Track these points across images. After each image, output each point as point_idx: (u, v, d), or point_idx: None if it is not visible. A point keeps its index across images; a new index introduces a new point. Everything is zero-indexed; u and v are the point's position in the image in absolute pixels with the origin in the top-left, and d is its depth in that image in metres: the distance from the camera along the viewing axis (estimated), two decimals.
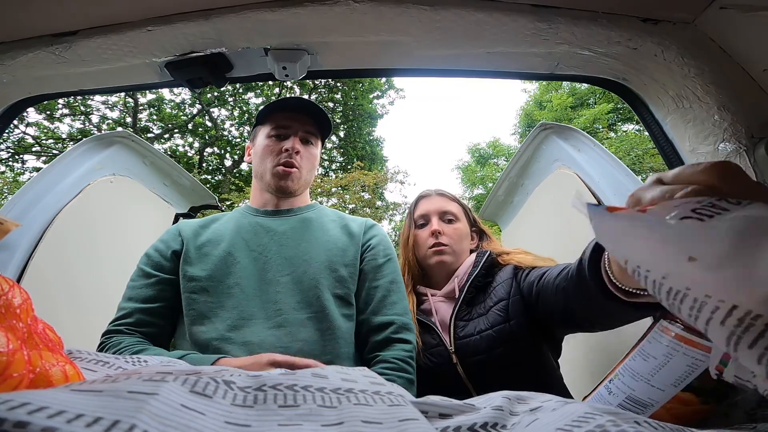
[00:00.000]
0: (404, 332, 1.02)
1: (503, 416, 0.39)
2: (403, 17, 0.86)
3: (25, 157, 10.40)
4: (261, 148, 1.17)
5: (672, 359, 0.51)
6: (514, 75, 1.06)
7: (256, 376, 0.36)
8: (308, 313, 0.98)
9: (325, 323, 0.98)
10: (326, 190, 10.65)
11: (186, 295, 1.00)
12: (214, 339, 0.93)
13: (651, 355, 0.54)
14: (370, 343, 1.02)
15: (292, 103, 1.18)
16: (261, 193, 1.20)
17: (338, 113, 13.64)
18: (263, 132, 1.19)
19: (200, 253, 1.05)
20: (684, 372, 0.51)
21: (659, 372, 0.53)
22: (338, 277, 1.05)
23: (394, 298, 1.06)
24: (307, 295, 1.00)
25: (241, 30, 0.89)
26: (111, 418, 0.22)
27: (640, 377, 0.55)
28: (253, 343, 0.92)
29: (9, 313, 0.40)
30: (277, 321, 0.96)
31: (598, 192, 1.36)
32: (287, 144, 1.14)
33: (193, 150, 12.54)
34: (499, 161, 16.35)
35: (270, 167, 1.15)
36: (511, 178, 1.88)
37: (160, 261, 1.06)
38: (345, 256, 1.08)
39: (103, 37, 0.88)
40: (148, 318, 0.99)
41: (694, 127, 0.89)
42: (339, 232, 1.15)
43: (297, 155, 1.15)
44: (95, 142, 1.59)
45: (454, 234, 1.25)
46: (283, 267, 1.04)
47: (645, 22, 0.88)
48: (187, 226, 1.14)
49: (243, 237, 1.09)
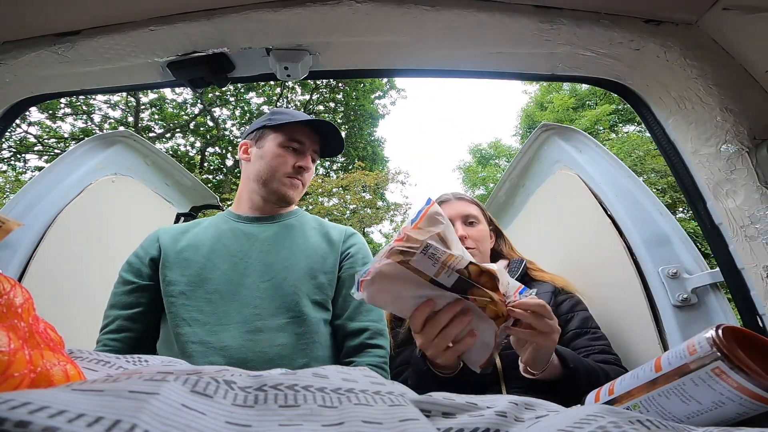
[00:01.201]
0: (378, 338, 1.06)
1: (506, 423, 0.39)
2: (405, 18, 0.86)
3: (27, 157, 10.43)
4: (272, 155, 1.17)
5: (723, 407, 0.45)
6: (516, 76, 1.06)
7: (256, 376, 0.36)
8: (286, 318, 1.00)
9: (302, 328, 1.00)
10: (327, 190, 10.65)
11: (166, 299, 1.03)
12: (193, 342, 0.95)
13: (694, 399, 0.46)
14: (345, 348, 1.06)
15: (317, 124, 1.21)
16: (252, 197, 1.21)
17: (339, 113, 13.65)
18: (275, 138, 1.18)
19: (180, 258, 1.07)
20: (731, 418, 0.45)
21: (700, 416, 0.46)
22: (317, 284, 1.07)
23: (370, 306, 1.08)
24: (286, 301, 1.02)
25: (243, 30, 0.89)
26: (112, 417, 0.22)
27: (672, 416, 0.48)
28: (230, 347, 0.95)
29: (10, 312, 0.40)
30: (255, 325, 0.98)
31: (600, 193, 1.36)
32: (302, 162, 1.18)
33: (195, 150, 12.56)
34: (500, 162, 16.34)
35: (279, 176, 1.16)
36: (513, 179, 1.87)
37: (139, 268, 1.09)
38: (325, 264, 1.11)
39: (105, 37, 0.88)
40: (127, 324, 1.04)
41: (697, 128, 0.89)
42: (319, 239, 1.17)
43: (307, 173, 1.20)
44: (97, 142, 1.59)
45: (478, 237, 1.26)
46: (264, 273, 1.06)
47: (647, 23, 0.88)
48: (166, 232, 1.16)
49: (223, 243, 1.11)
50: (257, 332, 0.97)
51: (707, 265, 1.13)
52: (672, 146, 0.96)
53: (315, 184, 10.56)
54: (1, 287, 0.41)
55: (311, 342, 1.00)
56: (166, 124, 11.95)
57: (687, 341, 0.50)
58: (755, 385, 0.42)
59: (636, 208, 1.26)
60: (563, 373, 0.85)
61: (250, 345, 0.96)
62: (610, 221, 1.31)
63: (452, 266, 0.68)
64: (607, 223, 1.31)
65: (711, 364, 0.45)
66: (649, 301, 1.18)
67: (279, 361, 0.95)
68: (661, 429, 0.31)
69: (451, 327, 0.72)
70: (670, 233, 1.20)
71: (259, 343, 0.96)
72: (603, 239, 1.34)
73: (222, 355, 0.94)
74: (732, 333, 0.47)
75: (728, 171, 0.84)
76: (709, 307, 1.10)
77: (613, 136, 12.36)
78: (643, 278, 1.20)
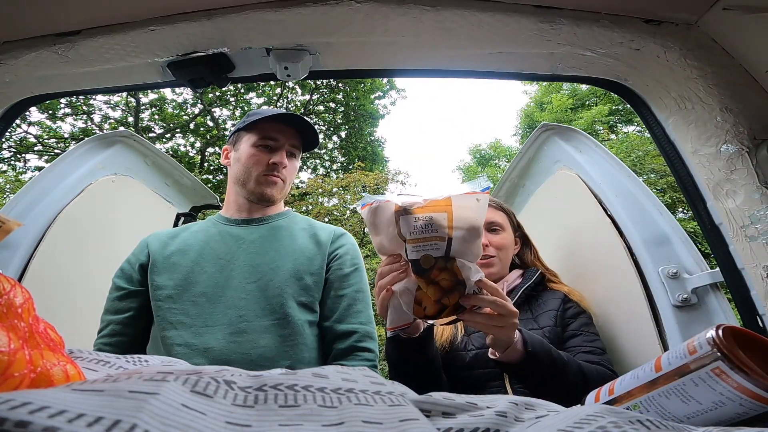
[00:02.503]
0: (367, 341, 1.06)
1: (507, 423, 0.39)
2: (405, 18, 0.86)
3: (27, 157, 10.42)
4: (246, 156, 1.17)
5: (723, 407, 0.44)
6: (516, 76, 1.06)
7: (256, 376, 0.36)
8: (271, 320, 1.00)
9: (287, 329, 1.00)
10: (327, 190, 10.65)
11: (154, 303, 1.04)
12: (178, 345, 0.96)
13: (694, 399, 0.46)
14: (334, 351, 1.05)
15: (283, 117, 1.19)
16: (237, 200, 1.21)
17: (339, 113, 13.64)
18: (248, 139, 1.19)
19: (168, 263, 1.08)
20: (730, 418, 0.45)
21: (700, 416, 0.46)
22: (303, 285, 1.07)
23: (359, 307, 1.09)
24: (271, 303, 1.02)
25: (243, 30, 0.89)
26: (112, 417, 0.22)
27: (672, 416, 0.48)
28: (214, 349, 0.96)
29: (10, 312, 0.40)
30: (239, 327, 0.99)
31: (600, 193, 1.36)
32: (276, 158, 1.16)
33: (195, 150, 12.54)
34: (500, 162, 16.33)
35: (255, 176, 1.16)
36: (513, 179, 1.87)
37: (130, 274, 1.11)
38: (311, 265, 1.11)
39: (105, 37, 0.88)
40: (119, 328, 1.06)
41: (697, 128, 0.89)
42: (307, 240, 1.16)
43: (284, 170, 1.18)
44: (97, 142, 1.59)
45: (500, 245, 1.27)
46: (250, 275, 1.06)
47: (648, 23, 0.88)
48: (156, 238, 1.17)
49: (212, 246, 1.11)
50: (241, 334, 0.98)
51: (707, 265, 1.13)
52: (672, 146, 0.96)
53: (315, 184, 10.56)
54: (1, 287, 0.41)
55: (295, 344, 1.00)
56: (167, 124, 11.94)
57: (687, 341, 0.50)
58: (755, 386, 0.42)
59: (636, 208, 1.26)
60: (523, 355, 0.85)
61: (233, 347, 0.96)
62: (610, 221, 1.31)
63: (423, 248, 0.71)
64: (607, 223, 1.31)
65: (711, 365, 0.45)
66: (649, 301, 1.17)
67: (262, 362, 0.95)
68: (661, 429, 0.31)
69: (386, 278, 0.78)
70: (670, 233, 1.20)
71: (242, 344, 0.97)
72: (603, 239, 1.34)
73: (205, 357, 0.94)
74: (732, 333, 0.47)
75: (728, 171, 0.84)
76: (709, 308, 1.10)
77: (613, 137, 12.36)
78: (643, 278, 1.20)
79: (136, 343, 1.07)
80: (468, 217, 0.72)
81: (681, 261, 1.15)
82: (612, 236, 1.29)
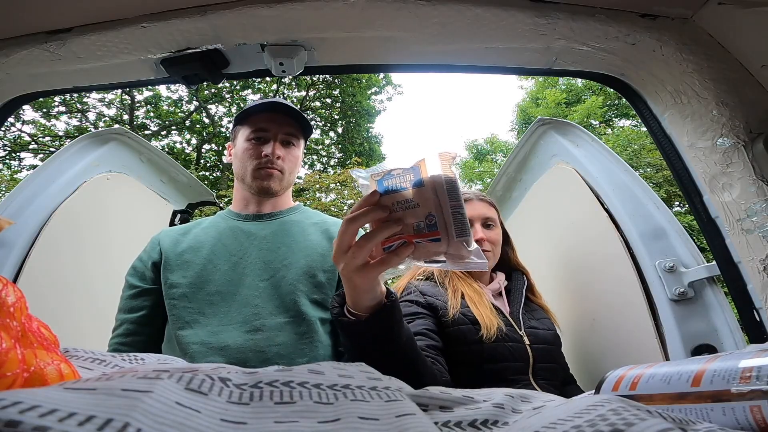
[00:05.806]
0: None
1: (504, 414, 0.39)
2: (401, 12, 0.86)
3: (21, 155, 10.37)
4: (241, 150, 1.17)
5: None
6: (512, 70, 1.06)
7: (252, 373, 0.36)
8: (286, 317, 1.00)
9: (302, 327, 0.99)
10: (324, 186, 10.64)
11: (168, 301, 1.02)
12: (194, 343, 0.96)
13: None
14: None
15: (269, 105, 1.17)
16: (242, 195, 1.21)
17: (336, 109, 13.61)
18: (243, 133, 1.18)
19: (181, 260, 1.07)
20: None
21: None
22: (316, 283, 1.06)
23: None
24: (285, 300, 1.01)
25: (237, 26, 0.88)
26: (104, 416, 0.22)
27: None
28: (230, 347, 0.95)
29: (2, 311, 0.39)
30: (254, 325, 0.98)
31: (597, 187, 1.37)
32: (267, 149, 1.14)
33: (191, 147, 12.51)
34: (496, 157, 16.35)
35: (251, 169, 1.15)
36: (509, 174, 1.87)
37: (143, 272, 1.09)
38: (324, 262, 1.09)
39: (97, 34, 0.87)
40: (134, 327, 1.04)
41: (693, 122, 0.89)
42: (320, 236, 1.15)
43: (279, 160, 1.15)
44: (91, 139, 1.58)
45: (495, 240, 1.28)
46: (262, 272, 1.05)
47: (643, 17, 0.88)
48: (167, 235, 1.15)
49: (223, 243, 1.10)
50: (256, 332, 0.97)
51: (704, 259, 1.13)
52: (668, 140, 0.96)
53: (312, 180, 10.54)
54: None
55: (311, 341, 0.99)
56: (162, 121, 11.89)
57: (744, 362, 0.39)
58: None
59: (633, 202, 1.26)
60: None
61: (249, 345, 0.95)
62: (606, 215, 1.31)
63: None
64: (604, 217, 1.31)
65: (753, 401, 0.36)
66: (646, 294, 1.18)
67: (278, 360, 0.94)
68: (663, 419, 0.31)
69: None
70: (666, 227, 1.20)
71: (258, 342, 0.96)
72: (600, 233, 1.35)
73: (222, 355, 0.94)
74: None
75: (724, 165, 0.84)
76: (705, 301, 1.10)
77: (608, 131, 12.38)
78: (639, 272, 1.20)
79: (151, 342, 1.05)
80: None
81: (678, 255, 1.16)
82: (609, 230, 1.29)
